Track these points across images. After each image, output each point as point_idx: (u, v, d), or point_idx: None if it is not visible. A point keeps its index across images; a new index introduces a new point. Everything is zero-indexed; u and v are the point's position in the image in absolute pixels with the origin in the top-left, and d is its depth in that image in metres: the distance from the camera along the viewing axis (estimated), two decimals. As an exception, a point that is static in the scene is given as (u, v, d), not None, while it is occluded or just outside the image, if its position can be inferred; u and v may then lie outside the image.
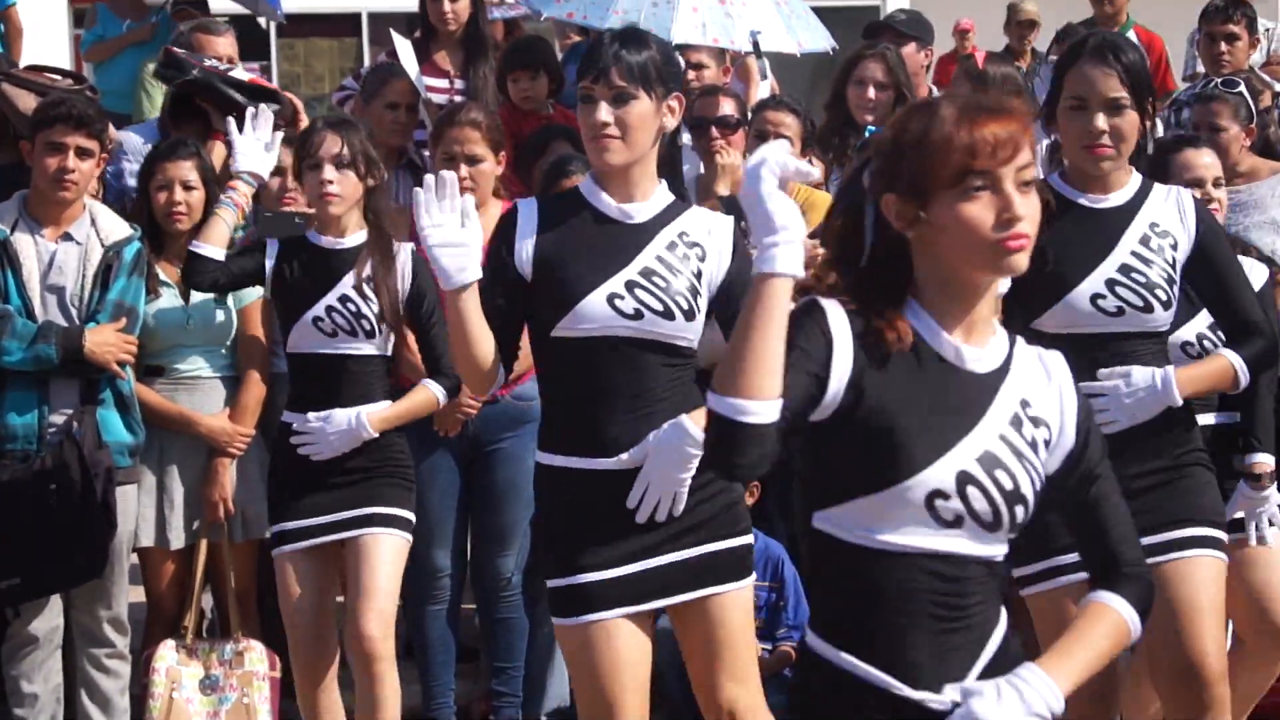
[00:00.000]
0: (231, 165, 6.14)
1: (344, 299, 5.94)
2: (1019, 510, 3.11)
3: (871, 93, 7.73)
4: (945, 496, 3.05)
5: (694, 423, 4.54)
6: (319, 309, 5.91)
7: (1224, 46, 8.41)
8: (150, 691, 6.48)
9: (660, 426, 4.55)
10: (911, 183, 3.06)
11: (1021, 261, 3.07)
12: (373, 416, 5.90)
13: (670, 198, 4.68)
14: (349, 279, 5.95)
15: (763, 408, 2.92)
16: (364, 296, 5.96)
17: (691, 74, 7.91)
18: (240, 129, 6.20)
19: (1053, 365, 3.24)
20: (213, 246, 6.01)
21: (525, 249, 4.56)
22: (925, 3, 12.81)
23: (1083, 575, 3.60)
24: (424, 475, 6.37)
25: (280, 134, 6.13)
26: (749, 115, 7.26)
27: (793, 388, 2.97)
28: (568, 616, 4.55)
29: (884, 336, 3.08)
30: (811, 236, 6.89)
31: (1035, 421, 3.17)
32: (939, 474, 3.05)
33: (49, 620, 6.43)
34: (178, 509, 6.57)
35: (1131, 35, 9.57)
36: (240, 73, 7.39)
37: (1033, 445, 3.15)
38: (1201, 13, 8.76)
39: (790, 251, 2.94)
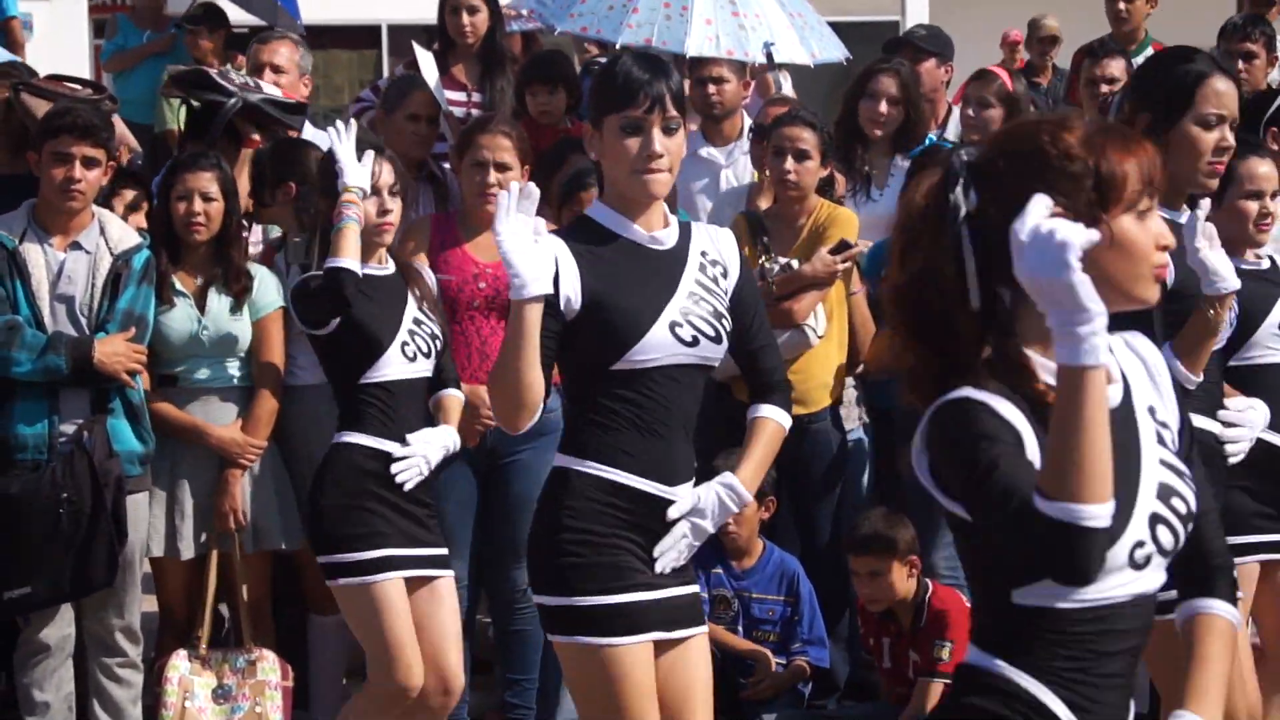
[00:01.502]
0: (340, 181, 5.88)
1: (417, 321, 5.97)
2: (1190, 527, 3.04)
3: (884, 107, 7.76)
4: (1142, 544, 2.97)
5: (739, 480, 4.59)
6: (403, 334, 5.91)
7: (1242, 64, 8.38)
8: (163, 700, 6.47)
9: (686, 458, 4.55)
10: (1093, 195, 2.96)
11: (1158, 292, 3.03)
12: (456, 433, 6.02)
13: (674, 219, 4.66)
14: (413, 302, 5.98)
15: (1102, 511, 2.76)
16: (428, 317, 6.02)
17: (712, 88, 7.93)
18: (339, 141, 5.97)
19: (1140, 347, 3.17)
20: (353, 260, 5.78)
21: (570, 287, 4.43)
22: (945, 18, 12.81)
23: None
24: (441, 487, 6.36)
25: (370, 152, 6.00)
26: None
27: (1028, 472, 2.86)
28: (609, 635, 4.41)
29: (1045, 399, 2.95)
30: (833, 252, 6.99)
31: (1166, 425, 3.11)
32: (1136, 527, 2.96)
33: (60, 629, 6.43)
34: (188, 519, 6.56)
35: (1150, 53, 9.55)
36: (270, 88, 7.41)
37: (1178, 454, 3.08)
38: (1220, 30, 8.74)
39: (1104, 339, 2.77)
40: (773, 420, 4.69)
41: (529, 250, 4.23)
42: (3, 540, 6.17)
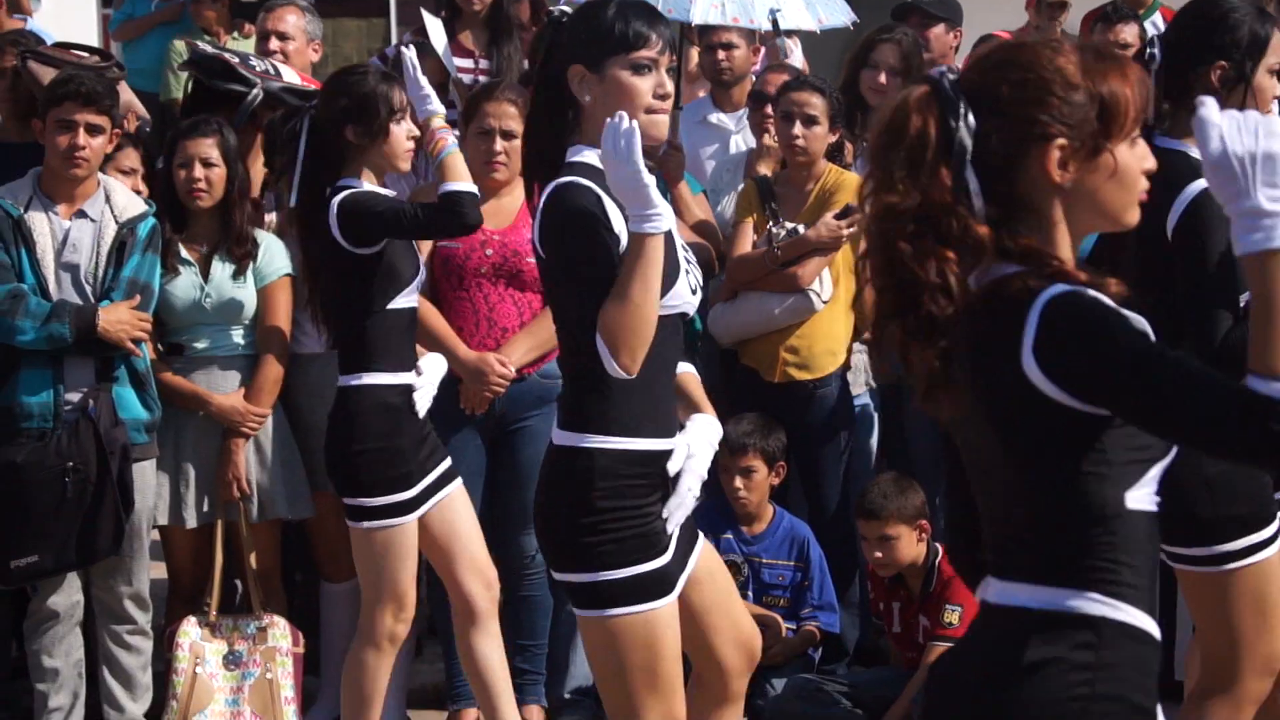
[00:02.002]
0: (425, 109, 5.84)
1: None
2: None
3: (884, 78, 7.74)
4: None
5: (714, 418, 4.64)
6: (421, 261, 5.96)
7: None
8: (174, 667, 6.49)
9: (678, 414, 4.55)
10: (1100, 126, 2.96)
11: (1138, 215, 3.05)
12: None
13: None
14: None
15: None
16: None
17: (721, 54, 7.92)
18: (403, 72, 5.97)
19: None
20: (467, 183, 5.78)
21: (621, 232, 4.35)
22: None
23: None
24: (451, 453, 6.36)
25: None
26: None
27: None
28: (653, 600, 4.37)
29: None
30: (838, 217, 6.97)
31: None
32: None
33: (68, 596, 6.44)
34: (192, 488, 6.57)
35: (1158, 18, 9.53)
36: (290, 74, 7.38)
37: None
38: (1230, -6, 8.69)
39: None
40: (693, 372, 4.81)
41: (653, 184, 4.26)
42: (9, 509, 6.19)
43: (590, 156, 4.42)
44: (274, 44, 7.87)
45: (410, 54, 5.93)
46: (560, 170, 4.41)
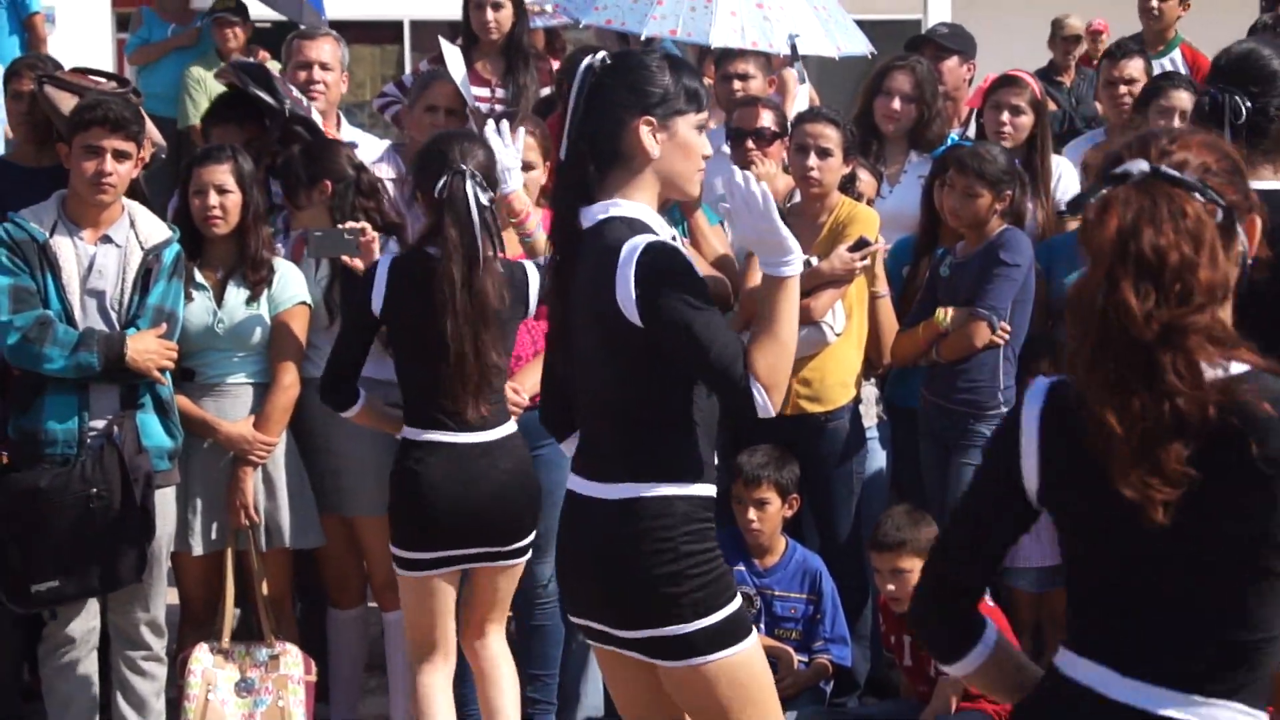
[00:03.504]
0: (507, 185, 5.93)
1: None
2: None
3: (897, 104, 7.81)
4: None
5: None
6: None
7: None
8: (186, 693, 6.48)
9: None
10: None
11: None
12: None
13: None
14: None
15: None
16: None
17: (737, 84, 7.93)
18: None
19: None
20: None
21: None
22: (967, 16, 12.78)
23: None
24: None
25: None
26: (788, 127, 7.29)
27: None
28: (743, 640, 4.41)
29: None
30: (852, 250, 6.96)
31: None
32: None
33: (85, 622, 6.43)
34: (199, 515, 6.55)
35: (1177, 55, 9.54)
36: (317, 116, 7.38)
37: None
38: (1249, 30, 8.73)
39: None
40: None
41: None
42: (32, 534, 6.17)
43: (633, 210, 4.35)
44: (316, 73, 7.76)
45: (502, 129, 5.95)
46: (604, 223, 4.35)
